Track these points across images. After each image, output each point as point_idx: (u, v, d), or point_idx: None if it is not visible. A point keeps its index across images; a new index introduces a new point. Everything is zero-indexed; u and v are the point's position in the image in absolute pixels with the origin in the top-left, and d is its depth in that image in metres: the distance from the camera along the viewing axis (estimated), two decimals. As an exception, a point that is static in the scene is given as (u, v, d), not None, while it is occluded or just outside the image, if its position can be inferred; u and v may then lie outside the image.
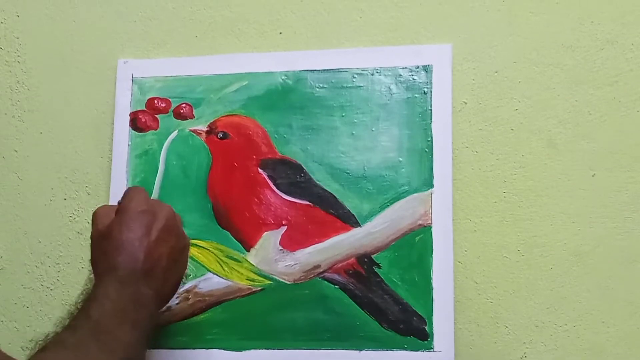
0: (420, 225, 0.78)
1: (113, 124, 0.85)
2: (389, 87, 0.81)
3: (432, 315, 0.76)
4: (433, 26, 0.82)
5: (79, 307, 0.62)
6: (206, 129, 0.83)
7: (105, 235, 0.66)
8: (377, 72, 0.82)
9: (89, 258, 0.67)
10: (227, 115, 0.83)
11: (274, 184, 0.81)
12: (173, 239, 0.67)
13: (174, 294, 0.70)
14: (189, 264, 0.76)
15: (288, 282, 0.79)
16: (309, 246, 0.79)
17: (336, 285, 0.78)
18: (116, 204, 0.69)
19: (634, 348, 0.75)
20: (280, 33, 0.85)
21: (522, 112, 0.80)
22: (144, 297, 0.63)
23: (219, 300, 0.80)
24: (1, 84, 0.90)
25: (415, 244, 0.78)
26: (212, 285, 0.80)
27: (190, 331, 0.80)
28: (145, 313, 0.63)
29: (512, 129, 0.79)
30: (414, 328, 0.76)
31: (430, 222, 0.78)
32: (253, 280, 0.80)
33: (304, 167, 0.81)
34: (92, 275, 0.67)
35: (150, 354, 0.80)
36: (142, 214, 0.66)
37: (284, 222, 0.80)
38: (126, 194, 0.69)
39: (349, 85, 0.82)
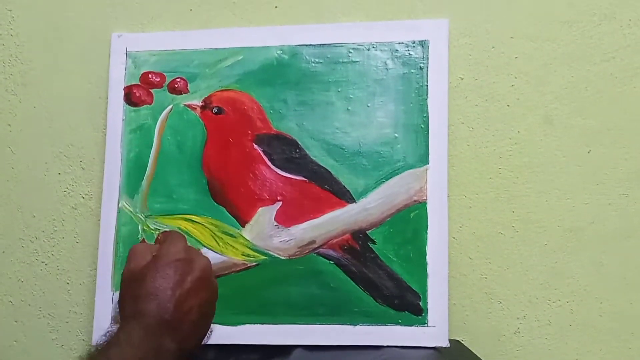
0: (415, 201, 0.78)
1: (107, 98, 0.85)
2: (385, 63, 0.81)
3: (427, 290, 0.76)
4: (430, 1, 0.82)
5: (99, 348, 0.60)
6: (201, 103, 0.82)
7: (137, 278, 0.64)
8: (373, 47, 0.81)
9: (117, 299, 0.66)
10: (222, 90, 0.82)
11: (269, 160, 0.81)
12: (206, 292, 0.66)
13: (197, 348, 0.68)
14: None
15: (283, 258, 0.79)
16: (304, 222, 0.79)
17: (331, 260, 0.79)
18: (153, 243, 0.68)
19: (627, 324, 0.76)
20: (276, 7, 0.84)
21: (519, 88, 0.79)
22: (166, 351, 0.62)
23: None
24: (-6, 57, 0.89)
25: (410, 219, 0.78)
26: (207, 260, 0.80)
27: (185, 306, 0.80)
28: None
29: (508, 105, 0.79)
30: (409, 303, 0.77)
31: (425, 198, 0.78)
32: (248, 256, 0.80)
33: (299, 143, 0.81)
34: (117, 314, 0.65)
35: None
36: (179, 262, 0.65)
37: (279, 198, 0.80)
38: (166, 237, 0.68)
39: (345, 61, 0.81)
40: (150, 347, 0.60)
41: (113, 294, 0.80)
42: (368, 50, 0.81)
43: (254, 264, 0.80)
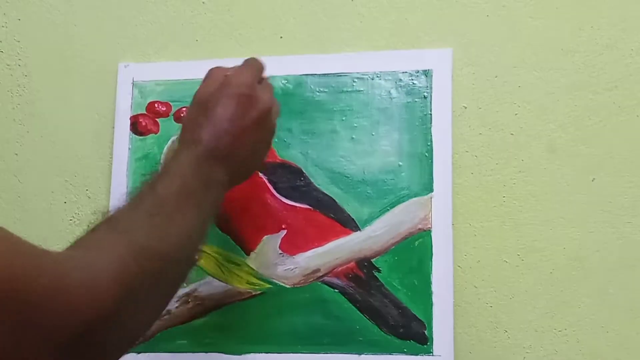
0: (420, 229, 0.78)
1: (113, 127, 0.85)
2: (389, 92, 0.81)
3: (432, 319, 0.76)
4: (433, 31, 0.83)
5: (153, 175, 0.61)
6: (206, 132, 0.83)
7: (202, 103, 0.65)
8: (377, 77, 0.82)
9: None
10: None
11: (274, 188, 0.81)
12: (262, 133, 0.67)
13: (243, 182, 0.70)
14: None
15: (288, 286, 0.79)
16: (308, 250, 0.79)
17: (336, 289, 0.78)
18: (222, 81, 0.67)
19: (633, 353, 0.75)
20: (281, 37, 0.85)
21: (522, 116, 0.80)
22: (216, 180, 0.62)
23: (218, 304, 0.80)
24: (2, 87, 0.90)
25: (415, 248, 0.78)
26: (211, 289, 0.80)
27: (190, 335, 0.80)
28: (212, 197, 0.62)
29: (511, 134, 0.80)
30: (414, 332, 0.76)
31: (430, 226, 0.78)
32: (253, 284, 0.80)
33: (304, 171, 0.81)
34: (178, 137, 0.66)
35: (149, 358, 0.80)
36: (243, 96, 0.65)
37: (283, 226, 0.80)
38: (244, 64, 0.68)
39: (349, 90, 0.82)
40: (199, 179, 0.61)
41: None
42: (372, 79, 0.82)
43: (259, 292, 0.80)
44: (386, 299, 0.77)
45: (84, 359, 0.47)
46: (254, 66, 0.68)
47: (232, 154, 0.64)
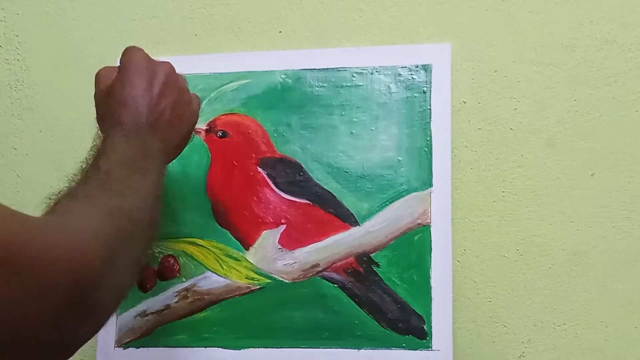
0: (419, 224, 0.78)
1: (112, 122, 0.85)
2: (389, 86, 0.81)
3: (431, 314, 0.76)
4: (432, 25, 0.83)
5: (89, 162, 0.62)
6: (205, 127, 0.83)
7: (108, 93, 0.66)
8: (376, 71, 0.82)
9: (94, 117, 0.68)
10: (226, 114, 0.83)
11: (273, 183, 0.81)
12: (175, 93, 0.68)
13: (182, 148, 0.71)
14: (189, 263, 0.77)
15: (287, 281, 0.79)
16: (308, 245, 0.80)
17: (335, 284, 0.79)
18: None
19: (632, 348, 0.75)
20: (280, 32, 0.85)
21: (522, 111, 0.80)
22: (151, 148, 0.64)
23: (217, 299, 0.80)
24: (1, 81, 0.90)
25: (414, 243, 0.78)
26: (211, 283, 0.80)
27: (189, 330, 0.80)
28: (154, 163, 0.64)
29: (511, 129, 0.79)
30: (413, 327, 0.76)
31: (429, 221, 0.78)
32: (252, 279, 0.80)
33: (303, 166, 0.81)
34: (100, 132, 0.67)
35: (149, 353, 0.80)
36: (143, 69, 0.67)
37: (283, 221, 0.80)
38: (125, 53, 0.69)
39: (349, 84, 0.82)
40: (136, 149, 0.62)
41: (117, 317, 0.81)
42: (371, 74, 0.82)
43: (258, 287, 0.80)
44: (385, 294, 0.77)
45: (78, 317, 0.48)
46: (136, 48, 0.70)
47: (156, 123, 0.65)
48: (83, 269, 0.48)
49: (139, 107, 0.64)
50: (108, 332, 0.80)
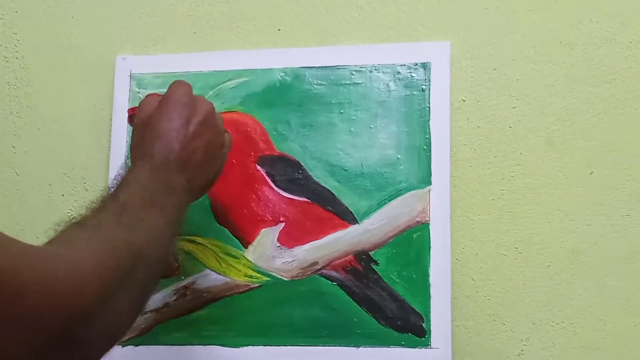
0: (418, 222, 0.78)
1: (111, 120, 0.85)
2: (387, 84, 0.81)
3: (430, 312, 0.76)
4: (432, 23, 0.82)
5: (110, 192, 0.61)
6: (204, 125, 0.83)
7: (145, 123, 0.66)
8: (375, 69, 0.82)
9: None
10: (225, 112, 0.83)
11: (272, 181, 0.81)
12: (211, 134, 0.67)
13: (208, 190, 0.71)
14: (188, 261, 0.77)
15: (286, 279, 0.79)
16: (306, 243, 0.80)
17: (334, 282, 0.79)
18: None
19: (630, 345, 0.75)
20: (279, 30, 0.85)
21: (520, 109, 0.80)
22: (175, 186, 0.63)
23: (216, 297, 0.80)
24: (-1, 79, 0.90)
25: (413, 241, 0.78)
26: (210, 281, 0.80)
27: (188, 327, 0.80)
28: (174, 200, 0.62)
29: (510, 127, 0.80)
30: (412, 325, 0.76)
31: (428, 219, 0.78)
32: (251, 277, 0.80)
33: (302, 164, 0.81)
34: (128, 161, 0.67)
35: (147, 351, 0.80)
36: (183, 105, 0.66)
37: (281, 219, 0.80)
38: (171, 86, 0.69)
39: (347, 82, 0.82)
40: (158, 184, 0.62)
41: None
42: (370, 72, 0.82)
43: (257, 285, 0.80)
44: (384, 292, 0.77)
45: (67, 354, 0.46)
46: (183, 82, 0.69)
47: (186, 161, 0.64)
48: (76, 304, 0.46)
49: (171, 142, 0.64)
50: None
